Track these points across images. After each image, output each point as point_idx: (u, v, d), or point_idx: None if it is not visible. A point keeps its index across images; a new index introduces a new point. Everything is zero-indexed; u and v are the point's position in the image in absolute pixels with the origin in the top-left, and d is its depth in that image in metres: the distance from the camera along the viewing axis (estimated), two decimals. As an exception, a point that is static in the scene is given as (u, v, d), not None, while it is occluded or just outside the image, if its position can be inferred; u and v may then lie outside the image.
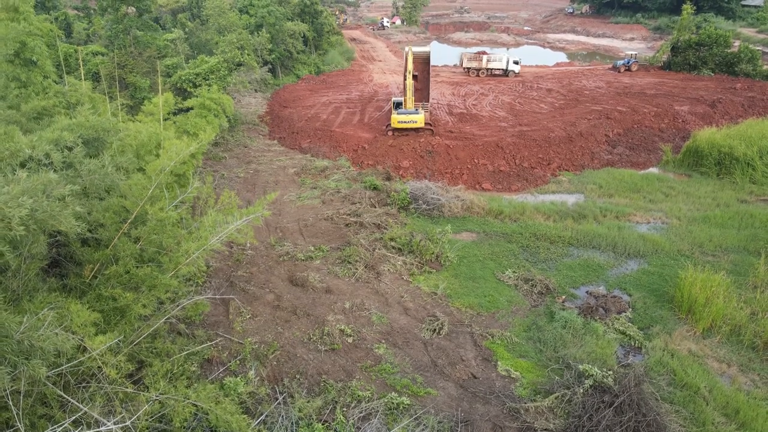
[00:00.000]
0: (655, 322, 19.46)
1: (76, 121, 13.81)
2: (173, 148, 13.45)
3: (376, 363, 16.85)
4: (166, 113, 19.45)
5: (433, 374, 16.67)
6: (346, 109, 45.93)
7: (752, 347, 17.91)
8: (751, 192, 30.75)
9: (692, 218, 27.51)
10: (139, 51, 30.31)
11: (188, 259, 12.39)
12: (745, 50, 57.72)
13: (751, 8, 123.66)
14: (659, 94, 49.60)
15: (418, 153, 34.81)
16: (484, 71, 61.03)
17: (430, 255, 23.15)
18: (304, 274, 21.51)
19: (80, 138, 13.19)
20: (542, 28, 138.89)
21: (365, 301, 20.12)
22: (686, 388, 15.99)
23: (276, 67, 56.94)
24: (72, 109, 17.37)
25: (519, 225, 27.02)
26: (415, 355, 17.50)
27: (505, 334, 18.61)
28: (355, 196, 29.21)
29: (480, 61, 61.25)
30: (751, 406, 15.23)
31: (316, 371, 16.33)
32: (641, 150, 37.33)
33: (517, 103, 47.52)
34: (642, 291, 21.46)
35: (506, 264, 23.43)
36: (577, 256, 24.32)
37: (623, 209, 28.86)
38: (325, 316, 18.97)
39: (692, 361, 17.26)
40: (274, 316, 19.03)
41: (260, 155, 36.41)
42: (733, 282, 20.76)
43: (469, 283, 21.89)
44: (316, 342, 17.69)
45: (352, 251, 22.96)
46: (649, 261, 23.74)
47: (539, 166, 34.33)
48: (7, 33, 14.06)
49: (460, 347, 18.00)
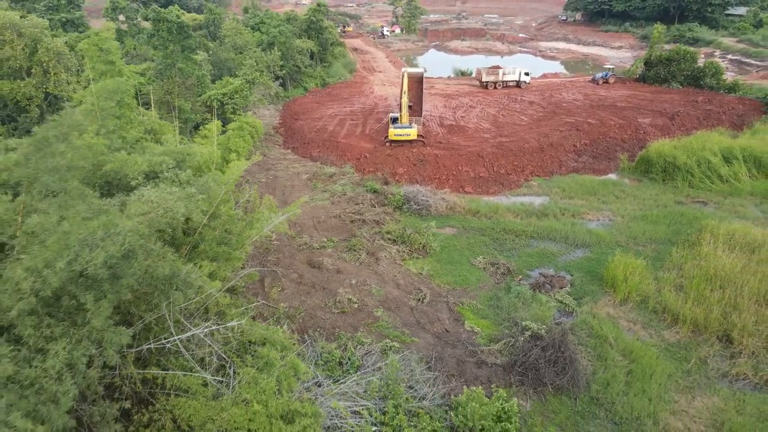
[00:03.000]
0: (587, 294, 25.65)
1: (168, 148, 19.99)
2: (235, 166, 19.66)
3: (374, 321, 23.04)
4: (215, 135, 25.65)
5: (417, 329, 22.87)
6: (350, 121, 52.14)
7: (654, 312, 24.06)
8: (687, 195, 36.92)
9: (633, 216, 33.71)
10: (182, 80, 36.57)
11: (249, 242, 18.57)
12: (710, 65, 63.86)
13: (734, 17, 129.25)
14: (629, 106, 55.71)
15: (412, 161, 41.02)
16: (501, 84, 66.91)
17: (418, 245, 29.38)
18: (319, 258, 27.74)
19: (173, 160, 19.40)
20: (536, 35, 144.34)
21: (367, 279, 26.33)
22: (599, 337, 22.17)
23: (286, 80, 63.19)
24: (151, 134, 23.52)
25: (492, 222, 33.21)
26: (404, 316, 23.70)
27: (472, 303, 24.82)
28: (358, 198, 35.44)
29: (497, 75, 67.10)
30: (642, 349, 21.39)
31: (331, 326, 22.52)
32: (603, 158, 43.51)
33: (500, 115, 53.69)
34: (582, 272, 27.66)
35: (478, 252, 29.64)
36: (535, 246, 30.52)
37: (579, 209, 35.06)
38: (337, 289, 25.18)
39: (608, 320, 23.44)
40: (298, 290, 25.23)
41: (277, 163, 42.63)
42: (651, 265, 26.98)
43: (447, 266, 28.11)
44: (330, 307, 23.90)
45: (356, 242, 29.20)
46: (592, 250, 29.93)
47: (514, 173, 40.51)
48: (117, 86, 20.16)
49: (438, 311, 24.21)
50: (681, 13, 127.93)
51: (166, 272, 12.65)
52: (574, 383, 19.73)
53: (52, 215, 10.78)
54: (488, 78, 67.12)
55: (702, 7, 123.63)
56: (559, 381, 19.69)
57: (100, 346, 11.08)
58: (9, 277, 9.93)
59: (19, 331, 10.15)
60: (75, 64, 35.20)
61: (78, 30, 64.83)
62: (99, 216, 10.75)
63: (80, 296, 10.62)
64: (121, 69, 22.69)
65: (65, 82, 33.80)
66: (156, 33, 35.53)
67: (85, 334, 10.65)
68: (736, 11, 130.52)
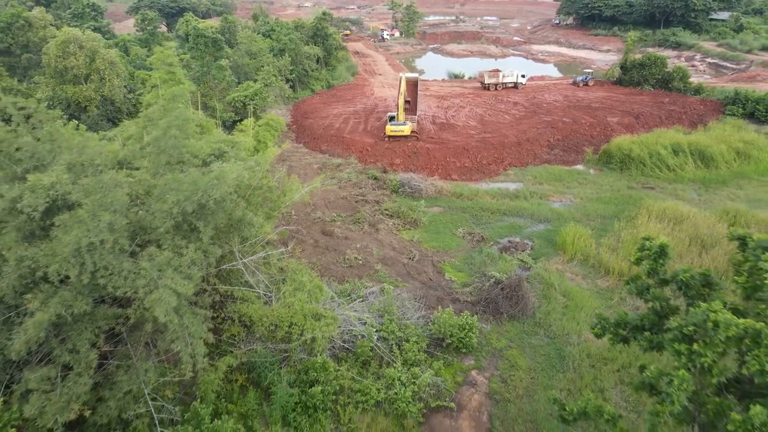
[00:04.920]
0: (543, 255, 32.46)
1: (221, 137, 26.82)
2: (270, 151, 26.50)
3: (375, 272, 29.85)
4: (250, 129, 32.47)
5: (407, 278, 29.69)
6: (353, 119, 58.98)
7: (592, 267, 30.86)
8: (639, 181, 43.74)
9: (590, 198, 40.52)
10: (215, 84, 43.35)
11: (283, 206, 25.39)
12: (678, 70, 70.65)
13: (717, 22, 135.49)
14: (602, 107, 62.50)
15: (407, 154, 47.85)
16: (501, 85, 73.80)
17: (410, 219, 36.22)
18: (330, 228, 34.59)
19: (225, 146, 26.22)
20: (530, 38, 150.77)
21: (369, 244, 33.15)
22: (547, 284, 28.96)
23: (295, 83, 70.05)
24: (200, 129, 30.28)
25: (473, 202, 40.03)
26: (397, 269, 30.52)
27: (451, 261, 31.64)
28: (361, 183, 42.27)
29: (498, 78, 74.04)
30: (578, 292, 28.19)
31: (341, 275, 29.33)
32: (572, 152, 50.31)
33: (487, 114, 60.51)
34: (541, 240, 34.47)
35: (459, 225, 36.46)
36: (506, 221, 37.34)
37: (546, 192, 41.88)
38: (345, 251, 31.99)
39: (556, 273, 30.23)
40: (315, 251, 32.06)
41: (291, 155, 49.46)
42: (596, 234, 33.78)
43: (433, 235, 34.94)
44: (340, 263, 30.71)
45: (360, 216, 36.04)
46: (552, 224, 36.73)
47: (494, 163, 47.33)
48: (181, 92, 26.90)
49: (424, 267, 31.03)
50: (666, 18, 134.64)
51: (240, 214, 19.46)
52: (523, 313, 26.56)
53: (177, 174, 17.63)
54: (490, 80, 73.88)
55: (686, 12, 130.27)
56: (513, 311, 26.53)
57: (205, 255, 17.89)
58: (159, 208, 16.77)
59: (161, 242, 16.97)
60: (124, 71, 42.03)
61: (105, 38, 71.65)
62: (207, 174, 17.55)
63: (195, 223, 17.44)
64: (180, 78, 29.45)
65: (118, 87, 40.61)
66: (195, 46, 42.43)
67: (198, 246, 17.48)
68: (719, 16, 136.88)
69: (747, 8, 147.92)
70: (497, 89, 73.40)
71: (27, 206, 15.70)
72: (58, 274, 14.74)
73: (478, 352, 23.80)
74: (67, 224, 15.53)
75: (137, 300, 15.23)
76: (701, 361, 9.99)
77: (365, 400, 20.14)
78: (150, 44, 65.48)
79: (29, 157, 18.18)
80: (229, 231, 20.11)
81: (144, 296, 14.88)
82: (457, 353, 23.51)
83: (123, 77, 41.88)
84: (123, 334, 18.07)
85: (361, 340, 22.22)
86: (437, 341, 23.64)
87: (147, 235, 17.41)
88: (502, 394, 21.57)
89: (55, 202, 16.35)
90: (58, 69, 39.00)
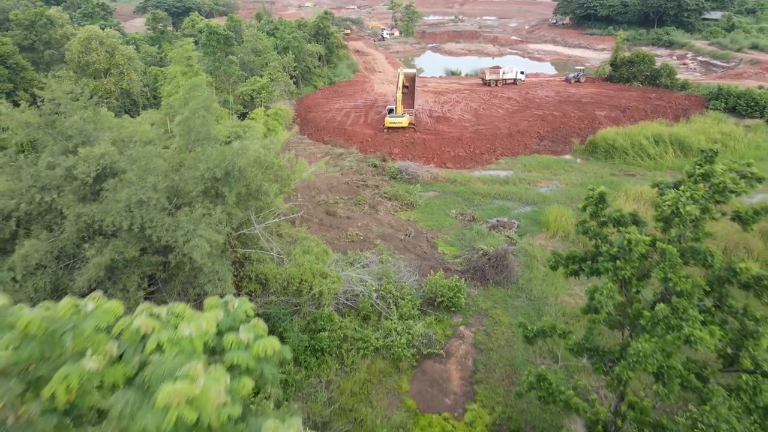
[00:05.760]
0: (528, 233, 35.55)
1: (236, 123, 29.97)
2: (281, 134, 29.62)
3: (374, 246, 32.94)
4: (260, 118, 35.62)
5: (404, 251, 32.79)
6: (354, 113, 62.10)
7: (572, 242, 33.94)
8: (621, 169, 46.84)
9: (575, 184, 43.60)
10: (226, 77, 46.48)
11: (294, 182, 28.49)
12: (665, 67, 73.71)
13: (710, 21, 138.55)
14: (591, 102, 65.59)
15: (405, 144, 50.96)
16: (501, 81, 76.89)
17: (407, 201, 39.33)
18: (334, 209, 37.70)
19: (240, 130, 29.39)
20: (527, 37, 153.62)
21: (369, 223, 36.25)
22: (530, 256, 32.04)
23: (298, 79, 73.17)
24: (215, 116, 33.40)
25: (465, 187, 43.12)
26: (395, 244, 33.61)
27: (444, 237, 34.74)
28: (362, 170, 45.37)
29: (498, 74, 77.16)
30: (558, 262, 31.20)
31: (344, 249, 32.41)
32: (561, 142, 53.40)
33: (481, 108, 63.62)
34: (527, 220, 37.57)
35: (452, 207, 39.56)
36: (496, 204, 40.44)
37: (535, 179, 44.98)
38: (347, 228, 35.09)
39: (539, 247, 33.31)
40: (320, 228, 35.15)
41: (296, 145, 52.50)
42: (577, 214, 36.80)
43: (428, 215, 38.05)
44: (343, 239, 33.81)
45: (361, 198, 39.16)
46: (538, 206, 39.80)
47: (487, 153, 50.43)
48: (200, 83, 30.01)
49: (419, 242, 34.12)
50: (660, 18, 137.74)
51: (257, 184, 22.57)
52: (508, 280, 29.63)
53: (206, 147, 20.76)
54: (491, 77, 76.97)
55: (679, 12, 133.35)
56: (498, 278, 29.61)
57: (229, 217, 20.99)
58: (191, 175, 19.89)
59: (193, 204, 20.08)
60: (141, 66, 45.12)
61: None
62: (232, 145, 20.65)
63: (221, 189, 20.55)
64: (198, 70, 32.56)
65: (136, 81, 43.71)
66: (207, 42, 45.61)
67: (224, 209, 20.59)
68: (711, 15, 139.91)
69: (740, 8, 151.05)
70: (497, 85, 76.46)
71: (81, 173, 18.87)
72: (112, 226, 17.87)
73: (466, 311, 26.88)
74: (116, 187, 18.71)
75: (177, 248, 18.32)
76: (622, 274, 13.08)
77: (365, 347, 23.23)
78: (160, 42, 68.61)
79: (78, 134, 21.37)
80: (247, 199, 23.20)
81: (183, 244, 17.97)
82: (447, 311, 26.60)
83: (140, 72, 45.02)
84: (159, 284, 21.20)
85: (362, 298, 25.33)
86: (429, 300, 26.73)
87: (180, 199, 20.57)
88: (486, 344, 24.65)
89: (104, 169, 19.53)
90: (80, 63, 42.13)
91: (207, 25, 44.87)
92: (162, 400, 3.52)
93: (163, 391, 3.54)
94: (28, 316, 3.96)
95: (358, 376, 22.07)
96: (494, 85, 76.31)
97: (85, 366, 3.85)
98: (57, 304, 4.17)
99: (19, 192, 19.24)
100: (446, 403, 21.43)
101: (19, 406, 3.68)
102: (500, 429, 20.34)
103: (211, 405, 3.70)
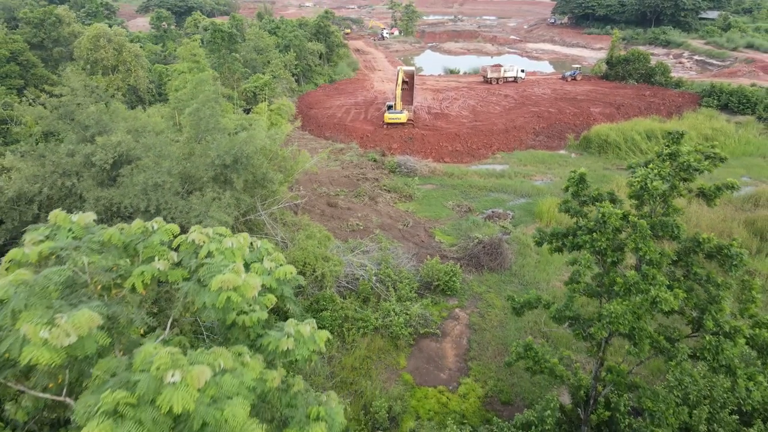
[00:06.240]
0: (522, 223, 36.90)
1: (242, 116, 31.30)
2: (285, 127, 30.94)
3: (374, 235, 34.28)
4: (264, 112, 36.96)
5: (402, 240, 34.13)
6: (354, 110, 63.44)
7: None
8: (613, 163, 48.16)
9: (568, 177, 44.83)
10: (231, 74, 47.84)
11: (297, 173, 29.83)
12: (660, 65, 75.02)
13: (707, 21, 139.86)
14: (587, 99, 66.89)
15: (404, 139, 52.30)
16: (502, 79, 78.18)
17: (406, 193, 40.67)
18: (335, 200, 39.04)
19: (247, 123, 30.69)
20: (526, 37, 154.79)
21: (369, 213, 37.59)
22: (523, 244, 33.39)
23: (300, 77, 74.50)
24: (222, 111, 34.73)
25: (462, 181, 44.46)
26: (394, 234, 34.96)
27: (441, 227, 36.08)
28: (362, 164, 46.71)
29: (499, 72, 78.47)
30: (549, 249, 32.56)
31: (345, 238, 33.75)
32: (556, 138, 54.73)
33: (479, 105, 64.95)
34: (521, 211, 38.91)
35: (450, 199, 40.91)
36: (492, 196, 41.78)
37: (530, 173, 46.31)
38: (348, 219, 36.43)
39: (531, 235, 34.58)
40: (321, 218, 36.48)
41: (298, 141, 53.88)
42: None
43: (426, 206, 39.39)
44: (344, 228, 35.16)
45: (361, 191, 40.51)
46: (533, 198, 41.14)
47: (484, 148, 51.77)
48: (206, 78, 31.37)
49: (417, 231, 35.47)
50: (657, 17, 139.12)
51: (263, 171, 23.92)
52: (501, 266, 30.99)
53: (216, 137, 22.12)
54: (492, 75, 78.25)
55: (676, 11, 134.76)
56: (492, 264, 30.96)
57: (237, 201, 22.35)
58: (202, 162, 21.25)
59: (204, 189, 21.43)
60: (147, 63, 46.45)
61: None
62: (239, 134, 22.00)
63: (230, 175, 21.91)
64: (204, 65, 33.87)
65: (143, 78, 45.03)
66: (212, 39, 46.94)
67: (232, 194, 21.94)
68: (708, 15, 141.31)
69: (737, 7, 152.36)
70: (498, 83, 77.74)
71: (99, 160, 20.23)
72: (130, 207, 19.22)
73: (461, 295, 28.23)
74: (133, 172, 20.06)
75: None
76: (598, 246, 14.44)
77: (365, 326, 24.56)
78: (163, 41, 69.96)
79: (95, 124, 22.74)
80: (254, 186, 24.56)
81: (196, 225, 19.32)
82: (443, 294, 27.95)
83: (146, 69, 46.35)
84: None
85: (362, 281, 26.67)
86: (426, 284, 28.08)
87: (192, 185, 21.93)
88: (480, 325, 26.00)
89: (120, 156, 20.89)
90: (89, 60, 43.46)
91: (212, 23, 46.21)
92: (215, 284, 4.82)
93: (215, 279, 4.85)
94: (110, 230, 5.26)
95: (359, 352, 23.39)
96: (495, 83, 77.59)
97: (155, 266, 5.18)
98: (129, 225, 5.48)
99: (41, 177, 20.60)
100: (441, 378, 22.76)
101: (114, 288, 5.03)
102: (492, 400, 21.69)
103: (250, 292, 5.02)
